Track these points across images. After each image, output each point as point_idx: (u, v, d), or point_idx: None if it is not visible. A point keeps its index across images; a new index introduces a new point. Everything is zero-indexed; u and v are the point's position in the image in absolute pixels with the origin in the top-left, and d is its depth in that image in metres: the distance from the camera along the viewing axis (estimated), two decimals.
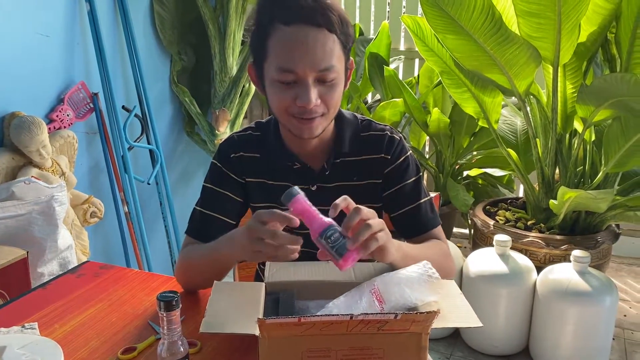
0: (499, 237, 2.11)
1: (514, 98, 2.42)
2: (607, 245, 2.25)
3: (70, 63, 2.08)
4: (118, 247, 2.31)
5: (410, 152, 1.15)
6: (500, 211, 2.50)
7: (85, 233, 2.06)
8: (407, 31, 2.41)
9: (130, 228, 2.29)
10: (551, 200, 2.12)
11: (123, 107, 2.29)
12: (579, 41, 2.01)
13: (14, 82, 1.87)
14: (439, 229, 1.14)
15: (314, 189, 1.11)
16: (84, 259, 1.99)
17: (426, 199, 1.14)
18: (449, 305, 0.82)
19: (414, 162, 1.14)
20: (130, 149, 2.28)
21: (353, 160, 1.11)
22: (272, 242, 0.85)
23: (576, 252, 2.00)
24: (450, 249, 1.14)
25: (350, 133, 1.12)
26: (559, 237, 2.19)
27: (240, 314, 0.81)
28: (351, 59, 1.05)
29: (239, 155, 1.13)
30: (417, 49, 2.36)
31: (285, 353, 0.73)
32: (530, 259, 2.15)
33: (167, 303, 0.73)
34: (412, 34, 2.32)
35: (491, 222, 2.35)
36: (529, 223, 2.36)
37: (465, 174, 2.89)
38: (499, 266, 2.08)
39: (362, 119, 1.15)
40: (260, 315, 0.82)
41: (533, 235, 2.21)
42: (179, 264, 1.11)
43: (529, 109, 2.29)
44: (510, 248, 2.12)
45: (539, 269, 2.11)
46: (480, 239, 2.42)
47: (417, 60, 3.20)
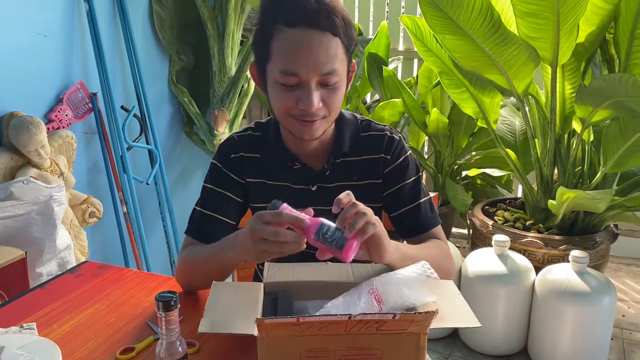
0: (498, 237, 2.12)
1: (512, 98, 2.43)
2: (606, 245, 2.25)
3: (69, 63, 2.08)
4: (117, 247, 2.31)
5: (409, 152, 1.15)
6: (499, 211, 2.50)
7: (84, 233, 2.06)
8: (406, 31, 2.42)
9: (129, 228, 2.29)
10: (550, 201, 2.12)
11: (122, 107, 2.29)
12: (577, 42, 2.02)
13: (12, 82, 1.87)
14: (438, 228, 1.14)
15: (314, 189, 1.11)
16: (82, 259, 1.98)
17: (426, 198, 1.14)
18: (448, 305, 0.82)
19: (414, 162, 1.14)
20: (129, 149, 2.28)
21: (353, 160, 1.11)
22: (275, 239, 0.84)
23: (575, 253, 2.00)
24: (449, 248, 1.14)
25: (350, 133, 1.12)
26: (557, 238, 2.19)
27: (238, 314, 0.81)
28: (353, 61, 1.05)
29: (239, 156, 1.12)
30: (416, 49, 2.36)
31: (283, 353, 0.73)
32: (529, 259, 2.15)
33: (166, 303, 0.73)
34: (411, 34, 2.32)
35: (490, 222, 2.35)
36: (528, 223, 2.36)
37: (464, 174, 2.89)
38: (498, 266, 2.08)
39: (362, 119, 1.16)
40: (259, 315, 0.82)
41: (532, 236, 2.21)
42: (180, 264, 1.11)
43: (527, 109, 2.30)
44: (509, 248, 2.13)
45: (537, 269, 2.12)
46: (478, 239, 2.42)
47: (416, 60, 3.20)
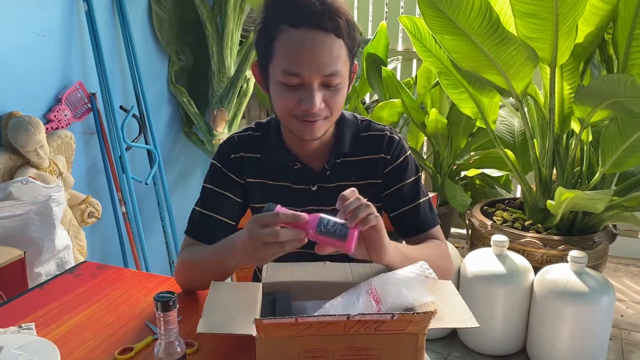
0: (497, 238, 2.12)
1: (511, 99, 2.43)
2: (604, 245, 2.26)
3: (68, 63, 2.08)
4: (115, 248, 2.31)
5: (409, 152, 1.15)
6: (497, 211, 2.51)
7: (83, 233, 2.06)
8: (405, 32, 2.41)
9: (128, 228, 2.29)
10: (548, 201, 2.12)
11: (121, 107, 2.29)
12: (576, 42, 2.02)
13: (11, 82, 1.86)
14: (437, 228, 1.14)
15: (315, 189, 1.11)
16: (81, 259, 1.98)
17: (425, 198, 1.14)
18: (446, 305, 0.82)
19: (414, 162, 1.15)
20: (128, 149, 2.27)
21: (353, 160, 1.12)
22: (276, 241, 0.84)
23: (573, 253, 2.00)
24: (448, 249, 1.14)
25: (350, 133, 1.12)
26: (556, 238, 2.19)
27: (237, 314, 0.81)
28: (355, 62, 1.05)
29: (239, 156, 1.12)
30: (415, 49, 2.36)
31: (282, 353, 0.73)
32: (528, 259, 2.15)
33: (164, 303, 0.73)
34: (410, 35, 2.32)
35: (489, 223, 2.35)
36: (527, 223, 2.36)
37: (462, 174, 2.89)
38: (497, 266, 2.08)
39: (362, 119, 1.16)
40: (258, 315, 0.82)
41: (530, 236, 2.21)
42: (179, 265, 1.10)
43: (526, 110, 2.30)
44: (508, 248, 2.13)
45: (536, 269, 2.12)
46: (477, 239, 2.42)
47: (415, 60, 3.20)
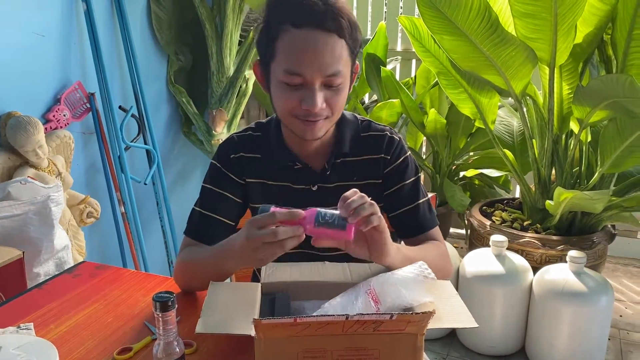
0: (495, 238, 2.12)
1: (510, 99, 2.43)
2: (603, 245, 2.26)
3: (67, 63, 2.07)
4: (114, 248, 2.31)
5: (409, 153, 1.15)
6: (496, 212, 2.51)
7: (82, 233, 2.06)
8: (404, 32, 2.42)
9: (127, 228, 2.29)
10: (547, 201, 2.12)
11: (120, 107, 2.29)
12: (575, 42, 2.02)
13: (10, 82, 1.86)
14: (436, 229, 1.14)
15: (315, 189, 1.11)
16: (80, 259, 1.98)
17: (425, 199, 1.14)
18: (445, 305, 0.82)
19: (413, 163, 1.15)
20: (127, 149, 2.27)
21: (353, 160, 1.12)
22: (275, 240, 0.83)
23: (572, 253, 2.00)
24: (447, 249, 1.14)
25: (350, 133, 1.12)
26: (555, 238, 2.19)
27: (236, 314, 0.81)
28: (357, 62, 1.05)
29: (238, 156, 1.12)
30: (414, 49, 2.36)
31: (281, 353, 0.73)
32: (527, 260, 2.15)
33: (163, 304, 0.73)
34: (409, 35, 2.32)
35: (487, 223, 2.35)
36: (525, 223, 2.36)
37: (461, 174, 2.90)
38: (495, 266, 2.08)
39: (362, 119, 1.16)
40: (256, 315, 0.82)
41: (529, 236, 2.21)
42: (178, 265, 1.10)
43: (525, 110, 2.30)
44: (507, 248, 2.13)
45: (535, 270, 2.12)
46: (476, 239, 2.43)
47: (414, 61, 3.20)
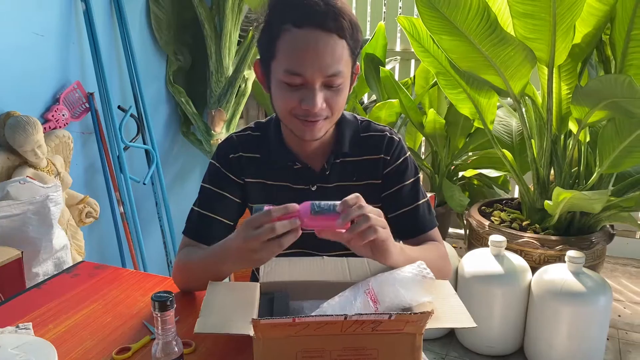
0: (494, 238, 2.12)
1: (509, 99, 2.43)
2: (602, 245, 2.26)
3: (66, 63, 2.07)
4: (113, 247, 2.31)
5: (409, 154, 1.15)
6: (495, 212, 2.51)
7: (81, 233, 2.06)
8: (403, 32, 2.42)
9: (126, 228, 2.29)
10: (546, 201, 2.13)
11: (119, 107, 2.29)
12: (573, 42, 2.02)
13: (9, 82, 1.86)
14: (435, 230, 1.14)
15: (314, 189, 1.11)
16: (79, 259, 1.98)
17: (424, 200, 1.14)
18: (443, 305, 0.82)
19: (413, 163, 1.15)
20: (126, 149, 2.27)
21: (353, 160, 1.12)
22: (273, 236, 0.83)
23: (571, 253, 2.00)
24: (446, 250, 1.14)
25: (350, 133, 1.12)
26: (553, 238, 2.20)
27: (234, 314, 0.81)
28: (357, 63, 1.05)
29: (237, 156, 1.12)
30: (413, 49, 2.37)
31: (279, 353, 0.73)
32: (525, 260, 2.15)
33: (162, 303, 0.73)
34: (408, 35, 2.32)
35: (486, 223, 2.36)
36: (524, 224, 2.36)
37: (460, 174, 2.90)
38: (494, 266, 2.09)
39: (362, 119, 1.16)
40: (255, 315, 0.82)
41: (528, 236, 2.22)
42: (176, 265, 1.10)
43: (524, 110, 2.30)
44: (505, 248, 2.13)
45: (533, 270, 2.12)
46: (475, 239, 2.43)
47: (413, 61, 3.21)
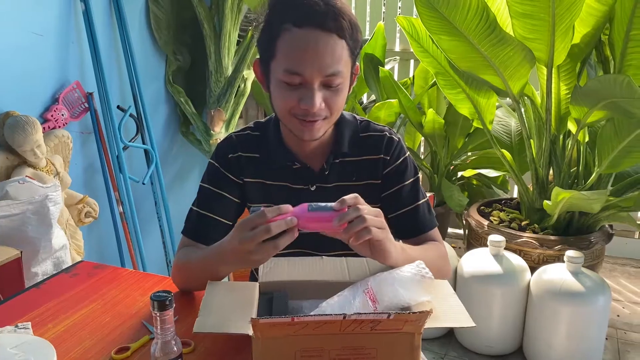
0: (493, 238, 2.12)
1: (508, 99, 2.43)
2: (601, 245, 2.26)
3: (65, 62, 2.07)
4: (112, 247, 2.31)
5: (408, 154, 1.15)
6: (494, 212, 2.51)
7: (80, 233, 2.06)
8: (403, 32, 2.42)
9: (125, 228, 2.29)
10: (545, 201, 2.13)
11: (118, 107, 2.29)
12: (572, 42, 2.02)
13: (8, 82, 1.86)
14: (435, 230, 1.14)
15: (313, 189, 1.11)
16: (78, 258, 1.98)
17: (424, 200, 1.14)
18: (442, 305, 0.82)
19: (412, 163, 1.15)
20: (125, 148, 2.27)
21: (352, 160, 1.12)
22: (269, 236, 0.83)
23: (570, 253, 2.01)
24: (446, 250, 1.14)
25: (349, 133, 1.12)
26: (552, 238, 2.20)
27: (234, 313, 0.81)
28: (357, 64, 1.05)
29: (237, 156, 1.12)
30: (412, 50, 2.37)
31: (278, 353, 0.73)
32: (524, 259, 2.16)
33: (161, 303, 0.73)
34: (407, 35, 2.32)
35: (485, 223, 2.36)
36: (523, 223, 2.36)
37: (459, 174, 2.90)
38: (493, 266, 2.09)
39: (361, 119, 1.16)
40: (254, 315, 0.82)
41: (527, 236, 2.22)
42: (175, 265, 1.10)
43: (523, 110, 2.30)
44: (504, 248, 2.13)
45: (532, 269, 2.12)
46: (474, 239, 2.43)
47: (413, 61, 3.21)
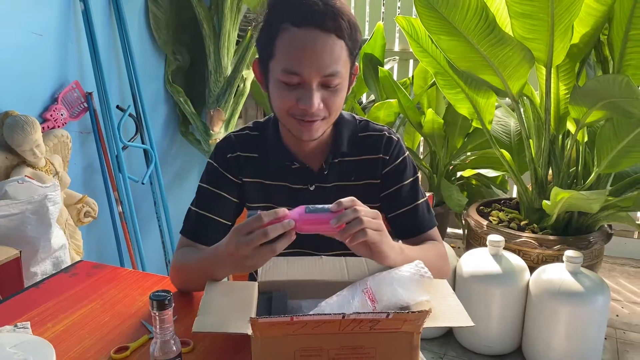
0: (492, 238, 2.12)
1: (507, 99, 2.44)
2: (600, 245, 2.26)
3: (65, 62, 2.07)
4: (112, 247, 2.31)
5: (407, 153, 1.15)
6: (493, 211, 2.51)
7: (79, 232, 2.06)
8: (402, 32, 2.42)
9: (124, 228, 2.29)
10: (544, 201, 2.13)
11: (117, 107, 2.29)
12: (571, 42, 2.03)
13: (7, 81, 1.86)
14: (435, 230, 1.14)
15: (312, 189, 1.11)
16: (77, 258, 1.98)
17: (423, 200, 1.14)
18: (441, 304, 0.82)
19: (412, 163, 1.15)
20: (124, 148, 2.27)
21: (351, 160, 1.12)
22: (266, 240, 0.83)
23: (569, 253, 2.01)
24: (446, 250, 1.14)
25: (348, 133, 1.12)
26: (551, 238, 2.20)
27: (233, 313, 0.81)
28: (356, 64, 1.05)
29: (235, 156, 1.12)
30: (412, 50, 2.37)
31: (277, 352, 0.73)
32: (523, 259, 2.16)
33: (160, 302, 0.73)
34: (407, 35, 2.32)
35: (484, 223, 2.36)
36: (522, 223, 2.37)
37: (459, 174, 2.90)
38: (492, 266, 2.09)
39: (360, 119, 1.16)
40: (253, 314, 0.82)
41: (526, 236, 2.22)
42: (173, 266, 1.10)
43: (522, 110, 2.30)
44: (504, 248, 2.13)
45: (531, 269, 2.12)
46: (473, 239, 2.43)
47: (412, 61, 3.21)
